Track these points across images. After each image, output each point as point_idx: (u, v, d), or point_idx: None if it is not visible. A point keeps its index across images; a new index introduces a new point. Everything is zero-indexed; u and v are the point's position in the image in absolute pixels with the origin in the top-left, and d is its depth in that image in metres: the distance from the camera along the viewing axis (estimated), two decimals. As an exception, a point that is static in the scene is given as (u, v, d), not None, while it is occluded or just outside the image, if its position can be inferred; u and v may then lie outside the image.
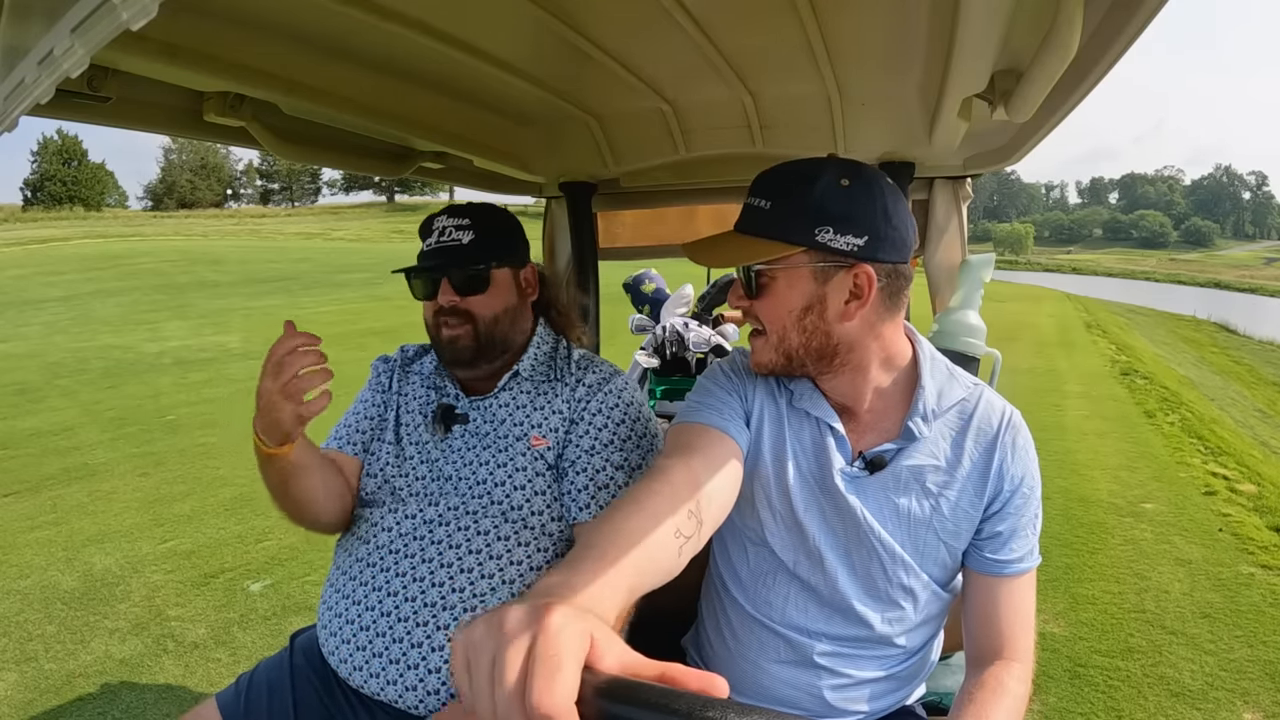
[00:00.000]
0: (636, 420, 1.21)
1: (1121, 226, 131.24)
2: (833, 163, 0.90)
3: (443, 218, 1.20)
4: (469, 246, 1.18)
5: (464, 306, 1.18)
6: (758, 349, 0.96)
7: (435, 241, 1.19)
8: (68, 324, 11.62)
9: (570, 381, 1.23)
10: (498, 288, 1.21)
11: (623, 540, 0.65)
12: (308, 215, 56.19)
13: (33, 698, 2.37)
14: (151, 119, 1.10)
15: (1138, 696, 2.37)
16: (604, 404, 1.19)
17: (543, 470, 1.16)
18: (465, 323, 1.18)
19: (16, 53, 0.59)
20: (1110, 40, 0.80)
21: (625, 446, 1.17)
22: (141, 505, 4.13)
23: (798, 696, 1.00)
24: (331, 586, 1.19)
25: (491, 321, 1.19)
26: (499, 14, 1.02)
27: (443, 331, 1.19)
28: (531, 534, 1.14)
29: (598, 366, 1.26)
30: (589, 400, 1.19)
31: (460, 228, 1.18)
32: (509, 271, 1.23)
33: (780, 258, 0.89)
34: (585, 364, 1.26)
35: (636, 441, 1.19)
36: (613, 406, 1.19)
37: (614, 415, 1.19)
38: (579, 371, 1.24)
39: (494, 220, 1.22)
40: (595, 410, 1.19)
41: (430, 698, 1.06)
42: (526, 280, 1.27)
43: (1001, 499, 0.95)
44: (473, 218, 1.19)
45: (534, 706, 0.41)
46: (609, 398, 1.20)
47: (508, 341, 1.23)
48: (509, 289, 1.23)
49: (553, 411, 1.20)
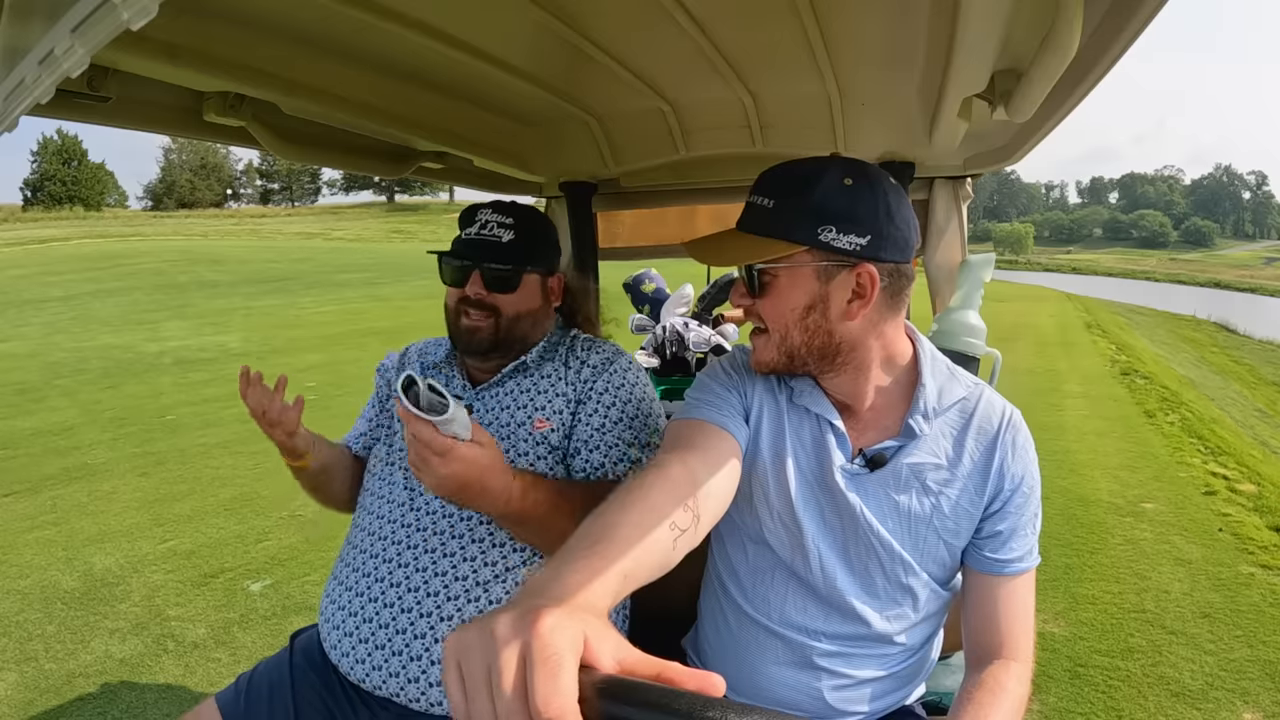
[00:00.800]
0: (643, 399, 1.23)
1: (1121, 226, 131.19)
2: (836, 162, 0.90)
3: (487, 210, 1.21)
4: (507, 245, 1.19)
5: (490, 301, 1.20)
6: (759, 347, 0.96)
7: (475, 232, 1.20)
8: (68, 324, 11.62)
9: (574, 364, 1.24)
10: (525, 290, 1.23)
11: (617, 532, 0.65)
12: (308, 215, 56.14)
13: (33, 698, 2.37)
14: (151, 119, 1.11)
15: (1138, 696, 2.37)
16: (610, 383, 1.21)
17: (545, 454, 1.16)
18: (488, 316, 1.20)
19: (17, 53, 0.59)
20: (1110, 40, 0.80)
21: (634, 425, 1.19)
22: (141, 505, 4.13)
23: (797, 697, 1.00)
24: (334, 578, 1.20)
25: (513, 320, 1.22)
26: (499, 14, 1.02)
27: (463, 320, 1.21)
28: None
29: (600, 347, 1.27)
30: (595, 379, 1.21)
31: (503, 225, 1.20)
32: (539, 277, 1.25)
33: (783, 257, 0.89)
34: (588, 345, 1.27)
35: (644, 419, 1.21)
36: (619, 385, 1.21)
37: (621, 394, 1.20)
38: (582, 352, 1.25)
39: (535, 224, 1.24)
40: (603, 389, 1.20)
41: (432, 689, 1.06)
42: (552, 288, 1.29)
43: (1002, 498, 0.95)
44: (516, 218, 1.21)
45: (538, 710, 0.41)
46: (615, 376, 1.21)
47: (525, 341, 1.25)
48: (535, 293, 1.25)
49: (556, 394, 1.20)
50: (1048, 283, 33.56)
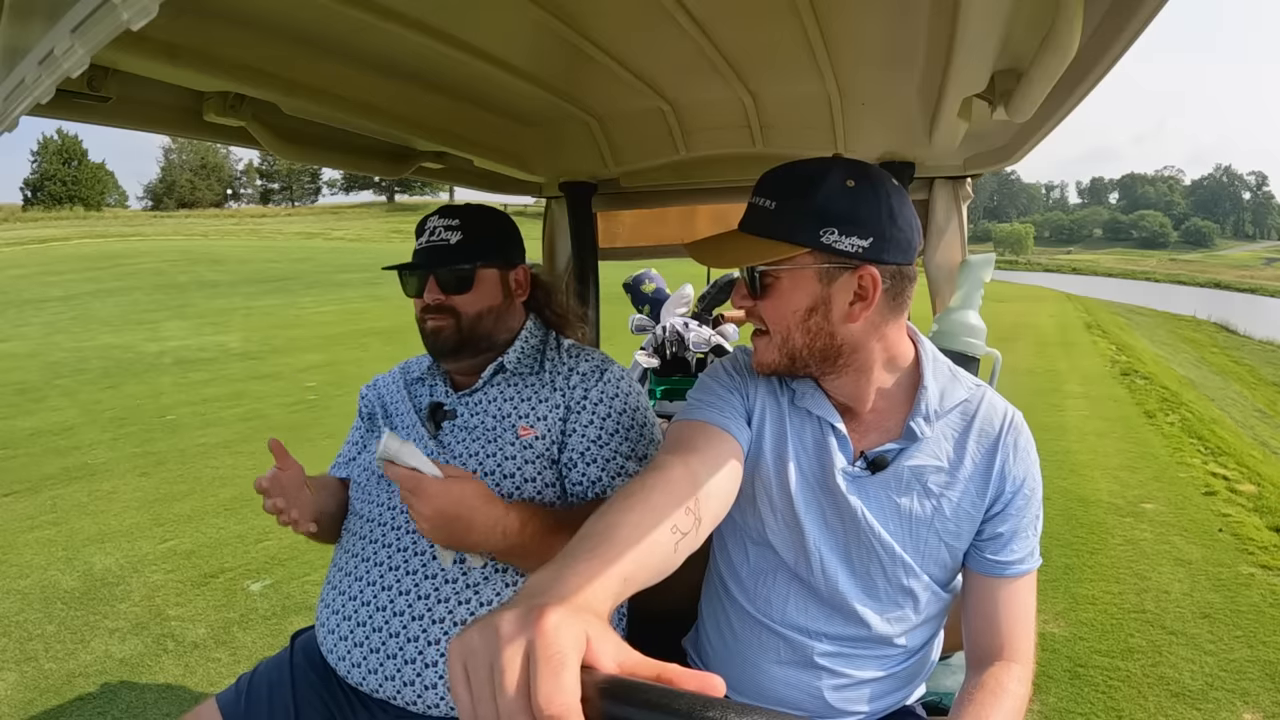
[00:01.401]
0: (637, 409, 1.23)
1: (1121, 226, 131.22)
2: (838, 163, 0.89)
3: (434, 218, 1.24)
4: (455, 247, 1.21)
5: (448, 304, 1.21)
6: (760, 349, 0.96)
7: (425, 241, 1.23)
8: (68, 323, 11.62)
9: (562, 370, 1.24)
10: (482, 287, 1.23)
11: (617, 534, 0.65)
12: (308, 215, 56.10)
13: (33, 697, 2.37)
14: (151, 119, 1.11)
15: (1138, 697, 2.37)
16: (604, 393, 1.21)
17: (531, 459, 1.16)
18: (448, 317, 1.21)
19: (17, 53, 0.59)
20: (1110, 40, 0.79)
21: (630, 435, 1.19)
22: (141, 505, 4.13)
23: (798, 697, 1.00)
24: (329, 584, 1.20)
25: (475, 318, 1.23)
26: (499, 14, 1.02)
27: (427, 324, 1.23)
28: None
29: (589, 355, 1.27)
30: (588, 389, 1.21)
31: (449, 228, 1.22)
32: (496, 272, 1.25)
33: (784, 259, 0.89)
34: (576, 352, 1.28)
35: (639, 431, 1.21)
36: (613, 395, 1.21)
37: (615, 405, 1.20)
38: (570, 360, 1.26)
39: (483, 222, 1.24)
40: (596, 399, 1.20)
41: (428, 691, 1.06)
42: (516, 281, 1.29)
43: (1003, 500, 0.95)
44: (462, 219, 1.22)
45: (540, 708, 0.41)
46: (608, 386, 1.21)
47: (491, 338, 1.25)
48: (495, 288, 1.25)
49: (540, 401, 1.21)
50: (1048, 283, 33.58)
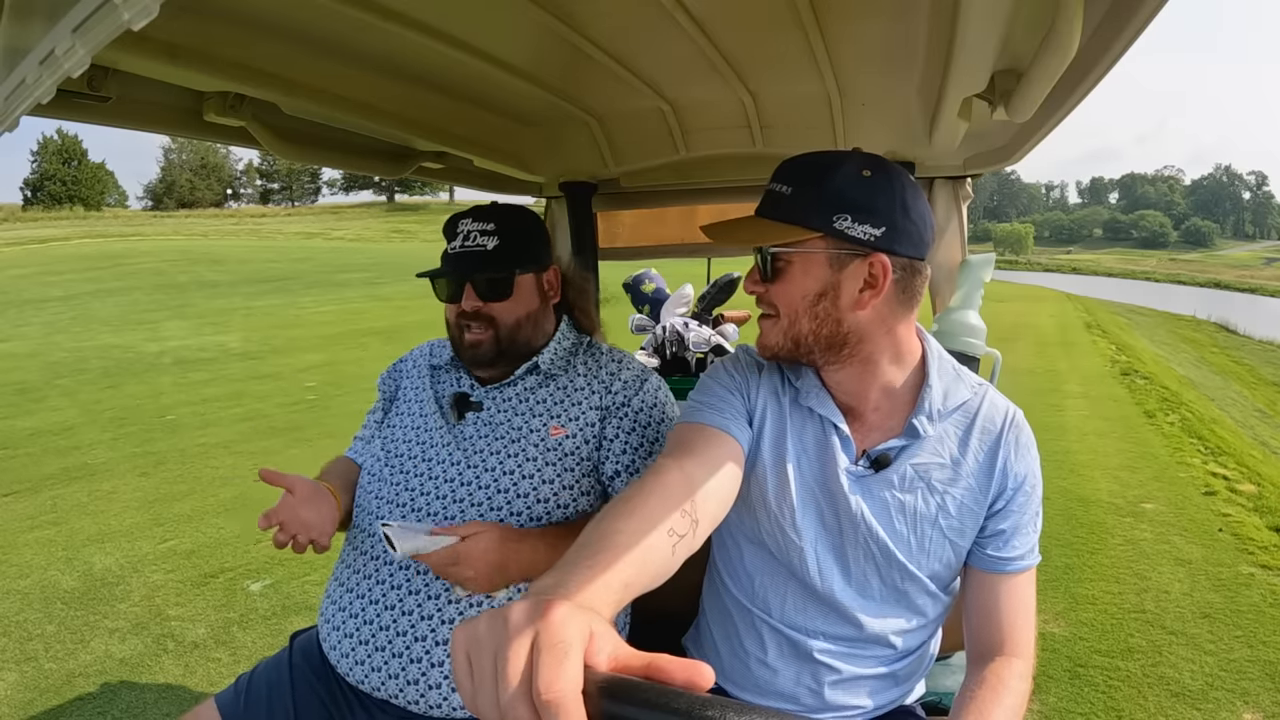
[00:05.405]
0: (673, 420, 1.24)
1: (1121, 226, 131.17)
2: (856, 155, 0.91)
3: (467, 220, 1.19)
4: (493, 252, 1.17)
5: (487, 311, 1.18)
6: (766, 330, 0.96)
7: (460, 245, 1.18)
8: (68, 323, 11.62)
9: (601, 374, 1.23)
10: (521, 293, 1.21)
11: (616, 540, 0.66)
12: (308, 215, 56.09)
13: (33, 697, 2.37)
14: (151, 119, 1.11)
15: (1138, 696, 2.37)
16: (645, 401, 1.22)
17: (554, 460, 1.16)
18: (488, 328, 1.18)
19: (17, 53, 0.59)
20: (1110, 40, 0.80)
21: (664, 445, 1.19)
22: (141, 505, 4.13)
23: (798, 693, 1.01)
24: (336, 580, 1.20)
25: (514, 326, 1.20)
26: (499, 14, 1.02)
27: (465, 335, 1.19)
28: (536, 524, 1.14)
29: (631, 363, 1.27)
30: (631, 396, 1.21)
31: (485, 233, 1.17)
32: (533, 276, 1.23)
33: (797, 241, 0.90)
34: (619, 358, 1.28)
35: None
36: (652, 405, 1.22)
37: (654, 414, 1.22)
38: (613, 365, 1.25)
39: (519, 224, 1.21)
40: (639, 407, 1.21)
41: (431, 691, 1.06)
42: (549, 283, 1.27)
43: (1005, 496, 0.95)
44: (498, 221, 1.18)
45: (539, 694, 0.41)
46: (648, 395, 1.23)
47: (530, 345, 1.23)
48: (532, 294, 1.23)
49: (575, 403, 1.20)
50: (1048, 283, 33.56)
